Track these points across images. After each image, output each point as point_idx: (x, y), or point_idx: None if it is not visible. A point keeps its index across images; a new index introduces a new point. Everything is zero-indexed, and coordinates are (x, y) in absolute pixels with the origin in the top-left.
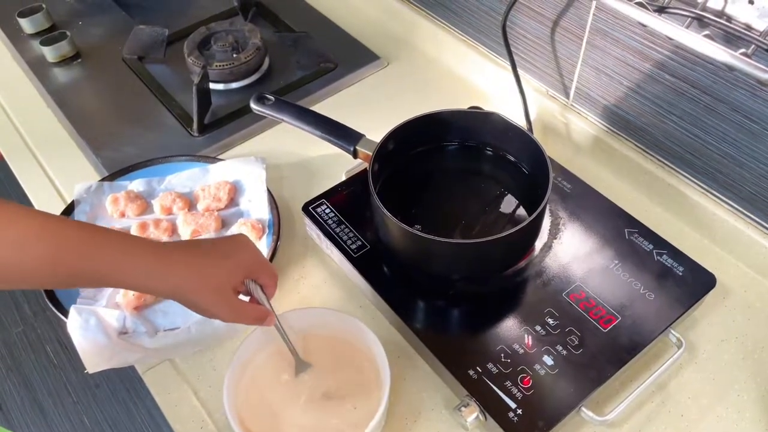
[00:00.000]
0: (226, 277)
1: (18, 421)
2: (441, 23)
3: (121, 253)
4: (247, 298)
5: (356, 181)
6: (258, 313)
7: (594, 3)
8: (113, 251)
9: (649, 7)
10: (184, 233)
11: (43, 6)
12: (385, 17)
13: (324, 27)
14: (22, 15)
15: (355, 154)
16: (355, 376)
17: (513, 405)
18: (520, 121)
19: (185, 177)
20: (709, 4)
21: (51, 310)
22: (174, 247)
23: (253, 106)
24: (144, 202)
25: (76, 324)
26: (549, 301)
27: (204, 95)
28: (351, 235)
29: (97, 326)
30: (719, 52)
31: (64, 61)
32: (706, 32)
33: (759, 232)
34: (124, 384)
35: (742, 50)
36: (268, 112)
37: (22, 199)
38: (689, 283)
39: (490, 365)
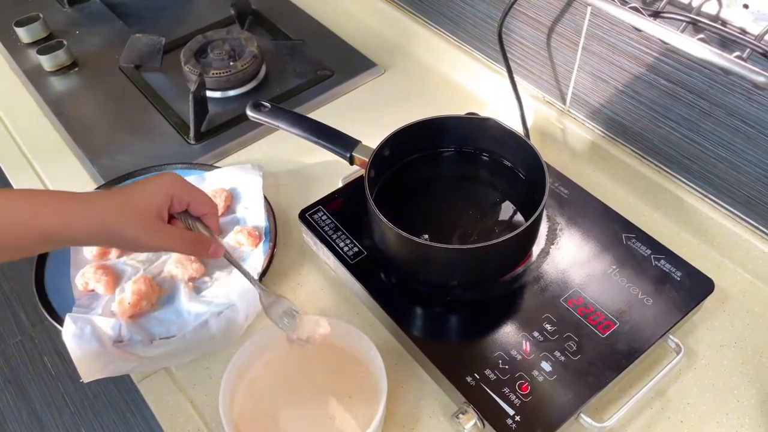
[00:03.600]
0: (148, 201)
1: None
2: (437, 30)
3: (41, 199)
4: None
5: (353, 187)
6: (194, 237)
7: (589, 9)
8: (31, 199)
9: (643, 12)
10: None
11: (40, 15)
12: (382, 25)
13: (320, 35)
14: (19, 24)
15: (351, 161)
16: (352, 384)
17: (511, 412)
18: (517, 127)
19: None
20: (704, 9)
21: (49, 321)
22: (87, 192)
23: (249, 113)
24: None
25: (72, 332)
26: (547, 307)
27: (201, 103)
28: (348, 241)
29: (92, 335)
30: (715, 56)
31: (61, 70)
32: (701, 36)
33: (757, 236)
34: (122, 394)
35: (737, 53)
36: (264, 119)
37: None
38: (687, 288)
39: (488, 372)
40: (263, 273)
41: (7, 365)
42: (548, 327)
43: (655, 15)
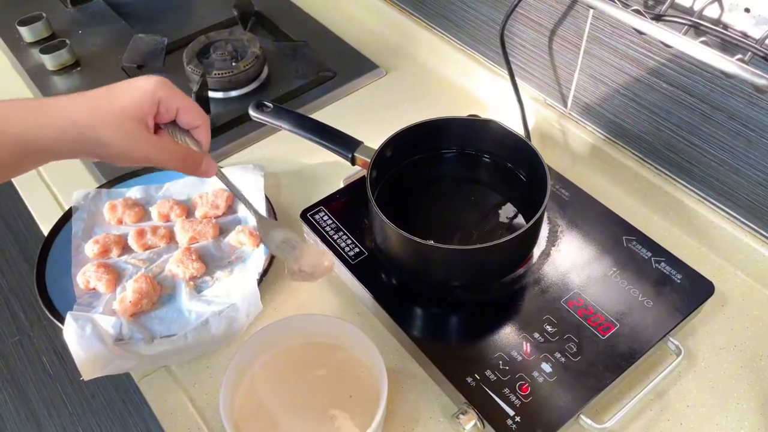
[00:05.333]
0: (129, 102)
1: None
2: (439, 33)
3: (13, 104)
4: None
5: (354, 188)
6: (186, 152)
7: (591, 12)
8: (2, 105)
9: (645, 15)
10: (182, 240)
11: (43, 15)
12: (384, 27)
13: (323, 36)
14: (23, 23)
15: (353, 161)
16: (352, 384)
17: (511, 412)
18: (518, 130)
19: (183, 184)
20: (706, 13)
21: (47, 320)
22: (72, 94)
23: (251, 113)
24: (142, 209)
25: (72, 331)
26: (547, 309)
27: (203, 103)
28: (349, 242)
29: (93, 333)
30: (716, 59)
31: (64, 70)
32: (703, 39)
33: (757, 240)
34: (120, 395)
35: (739, 56)
36: (266, 119)
37: (20, 206)
38: (688, 291)
39: (488, 372)
40: (264, 272)
41: (5, 365)
42: (549, 328)
43: (657, 18)
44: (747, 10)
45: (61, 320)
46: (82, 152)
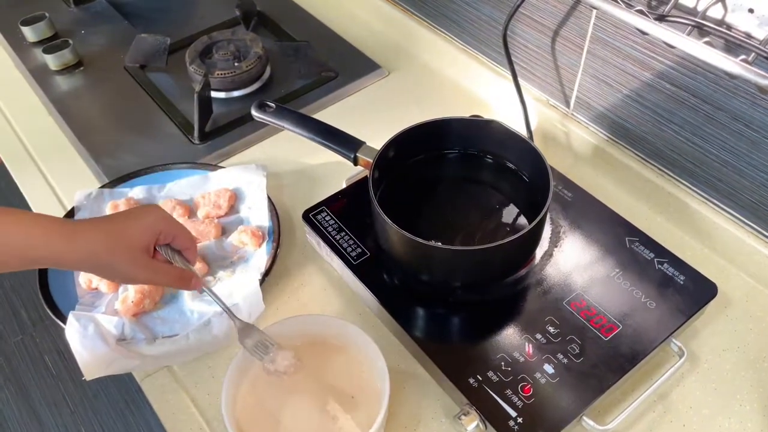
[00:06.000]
0: (137, 237)
1: (15, 431)
2: (442, 33)
3: (35, 230)
4: None
5: (356, 188)
6: (180, 273)
7: (594, 12)
8: (26, 227)
9: (649, 15)
10: None
11: (46, 15)
12: (386, 27)
13: (325, 36)
14: (25, 23)
15: (355, 161)
16: (354, 384)
17: (513, 413)
18: (521, 131)
19: (185, 184)
20: (709, 13)
21: (50, 320)
22: (80, 221)
23: (254, 113)
24: None
25: (75, 330)
26: (550, 310)
27: (205, 103)
28: (351, 242)
29: (95, 333)
30: (720, 59)
31: (67, 69)
32: (707, 40)
33: (760, 241)
34: (122, 394)
35: (743, 57)
36: (269, 119)
37: (23, 205)
38: (691, 292)
39: (490, 373)
40: (266, 273)
41: (8, 364)
42: (551, 329)
43: (661, 18)
44: (751, 11)
45: (64, 320)
46: (95, 273)
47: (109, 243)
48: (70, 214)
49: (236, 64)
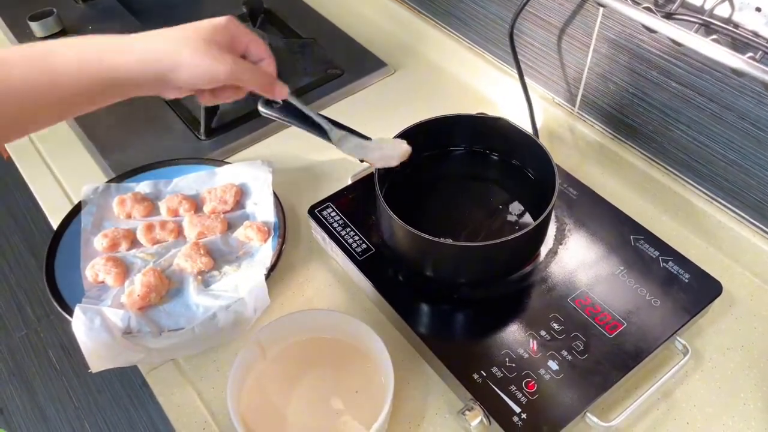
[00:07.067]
0: (210, 31)
1: (19, 426)
2: (448, 31)
3: (103, 43)
4: None
5: (362, 184)
6: (264, 73)
7: (601, 11)
8: (95, 43)
9: (656, 13)
10: (190, 235)
11: (54, 10)
12: (393, 25)
13: (331, 34)
14: (33, 19)
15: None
16: (358, 379)
17: (517, 409)
18: (527, 129)
19: (192, 179)
20: (716, 12)
21: (55, 315)
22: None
23: (261, 109)
24: (150, 204)
25: (81, 323)
26: (554, 307)
27: None
28: (356, 238)
29: (101, 326)
30: (727, 56)
31: None
32: (714, 38)
33: (765, 240)
34: (126, 390)
35: (750, 55)
36: (275, 115)
37: (29, 200)
38: (695, 291)
39: (494, 369)
40: (272, 268)
41: (13, 359)
42: (555, 326)
43: (668, 17)
44: (758, 9)
45: (70, 313)
46: (165, 82)
47: (170, 37)
48: (77, 208)
49: None
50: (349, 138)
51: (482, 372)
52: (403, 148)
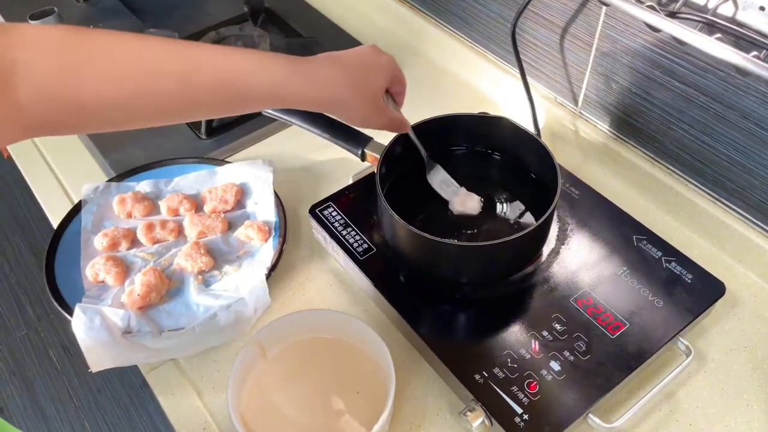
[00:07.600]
0: (377, 80)
1: (19, 425)
2: (450, 30)
3: (262, 63)
4: None
5: (363, 184)
6: (400, 118)
7: (603, 10)
8: (252, 60)
9: (659, 12)
10: (191, 234)
11: (55, 9)
12: (394, 24)
13: (333, 33)
14: (34, 17)
15: (363, 157)
16: (359, 379)
17: (519, 410)
18: (529, 128)
19: (192, 179)
20: (720, 11)
21: (55, 314)
22: (310, 59)
23: None
24: (151, 203)
25: (81, 322)
26: (556, 307)
27: None
28: (357, 237)
29: (101, 325)
30: (731, 54)
31: None
32: (718, 36)
33: None
34: (126, 389)
35: (754, 53)
36: (276, 114)
37: (29, 199)
38: (698, 291)
39: (496, 370)
40: (272, 267)
41: (13, 358)
42: (557, 327)
43: (671, 16)
44: (762, 9)
45: (70, 312)
46: (321, 109)
47: (351, 85)
48: (77, 207)
49: None
50: (440, 172)
51: (484, 372)
52: (475, 203)
